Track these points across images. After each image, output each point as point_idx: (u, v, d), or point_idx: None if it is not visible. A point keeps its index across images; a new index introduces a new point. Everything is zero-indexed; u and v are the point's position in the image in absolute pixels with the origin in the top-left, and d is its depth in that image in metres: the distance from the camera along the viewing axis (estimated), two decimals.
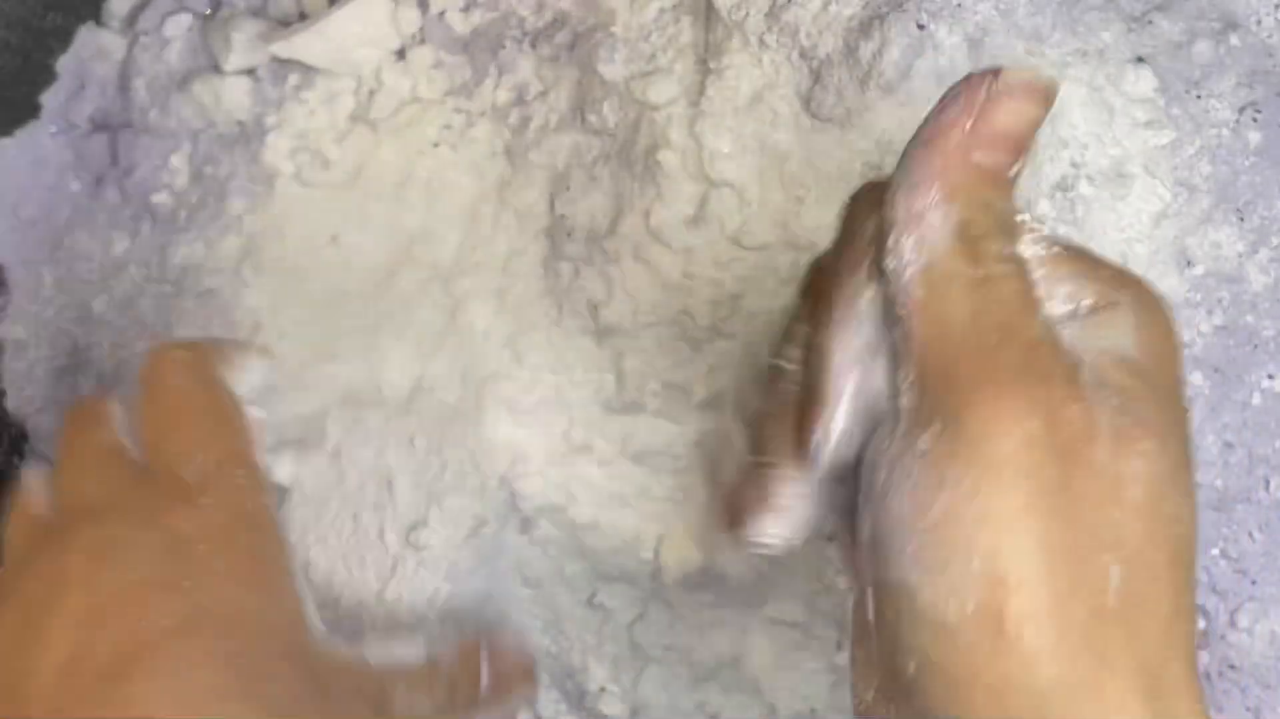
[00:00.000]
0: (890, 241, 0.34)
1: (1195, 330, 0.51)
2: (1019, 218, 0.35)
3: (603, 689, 0.58)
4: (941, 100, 0.35)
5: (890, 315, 0.34)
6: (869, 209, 0.36)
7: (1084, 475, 0.32)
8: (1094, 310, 0.34)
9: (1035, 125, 0.34)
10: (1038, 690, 0.31)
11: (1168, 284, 0.50)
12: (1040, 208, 0.50)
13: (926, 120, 0.34)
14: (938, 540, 0.31)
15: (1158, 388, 0.34)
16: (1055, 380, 0.32)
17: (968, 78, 0.34)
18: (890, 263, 0.34)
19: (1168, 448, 0.33)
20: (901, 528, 0.32)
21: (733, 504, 0.39)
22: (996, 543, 0.31)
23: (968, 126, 0.34)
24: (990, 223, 0.33)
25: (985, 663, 0.31)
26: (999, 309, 0.33)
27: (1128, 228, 0.50)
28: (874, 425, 0.35)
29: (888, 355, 0.35)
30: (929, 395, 0.33)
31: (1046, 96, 0.34)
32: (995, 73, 0.34)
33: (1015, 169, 0.34)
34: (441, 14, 0.58)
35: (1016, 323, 0.33)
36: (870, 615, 0.33)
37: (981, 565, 0.31)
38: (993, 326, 0.32)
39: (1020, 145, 0.34)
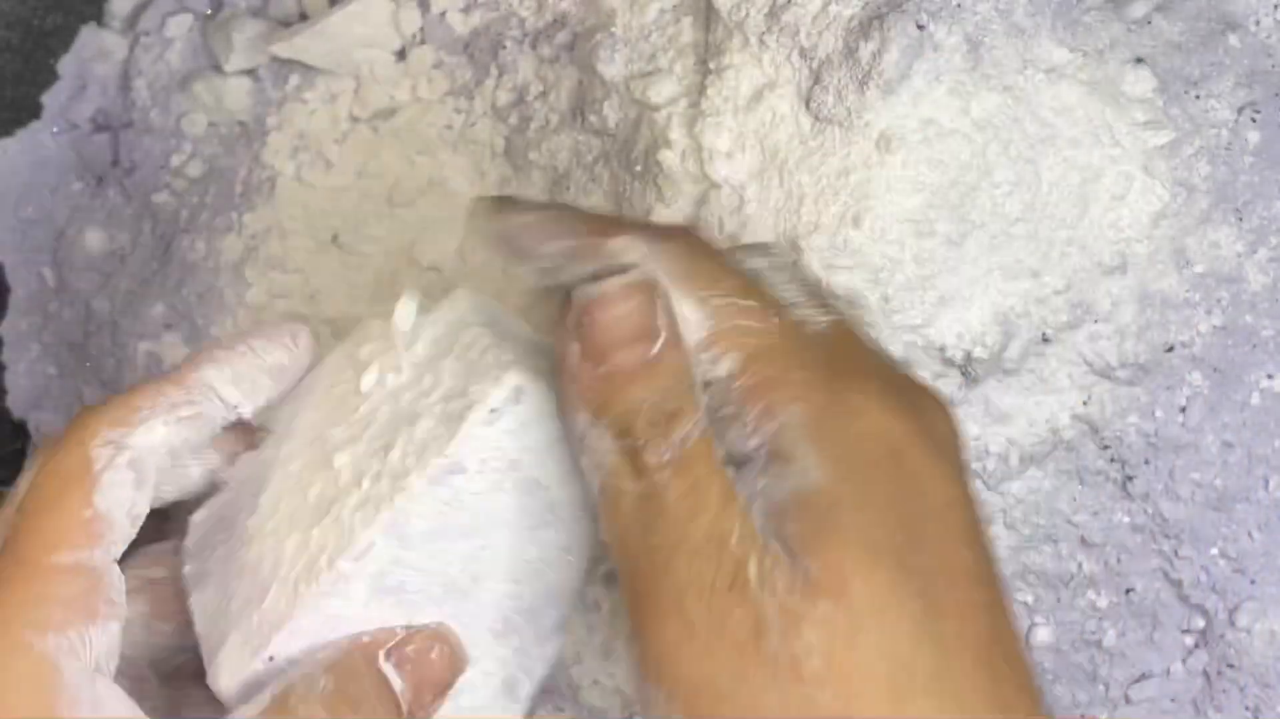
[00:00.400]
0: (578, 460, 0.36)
1: (1195, 330, 0.51)
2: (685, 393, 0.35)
3: (595, 682, 0.58)
4: (556, 333, 0.36)
5: None
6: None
7: (761, 672, 0.32)
8: (774, 447, 0.34)
9: (647, 311, 0.35)
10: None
11: (1167, 284, 0.50)
12: (1040, 209, 0.50)
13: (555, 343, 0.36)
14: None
15: (834, 516, 0.33)
16: (715, 593, 0.33)
17: (571, 300, 0.36)
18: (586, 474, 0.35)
19: (848, 591, 0.32)
20: None
21: None
22: None
23: (577, 350, 0.35)
24: (643, 424, 0.34)
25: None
26: (666, 524, 0.33)
27: (1127, 228, 0.50)
28: None
29: None
30: (626, 615, 0.34)
31: (644, 288, 0.35)
32: (576, 294, 0.35)
33: (659, 344, 0.35)
34: (442, 14, 0.58)
35: (683, 532, 0.33)
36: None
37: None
38: (659, 543, 0.33)
39: (642, 333, 0.35)
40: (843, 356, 0.36)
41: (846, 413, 0.34)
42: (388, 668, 0.36)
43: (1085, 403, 0.50)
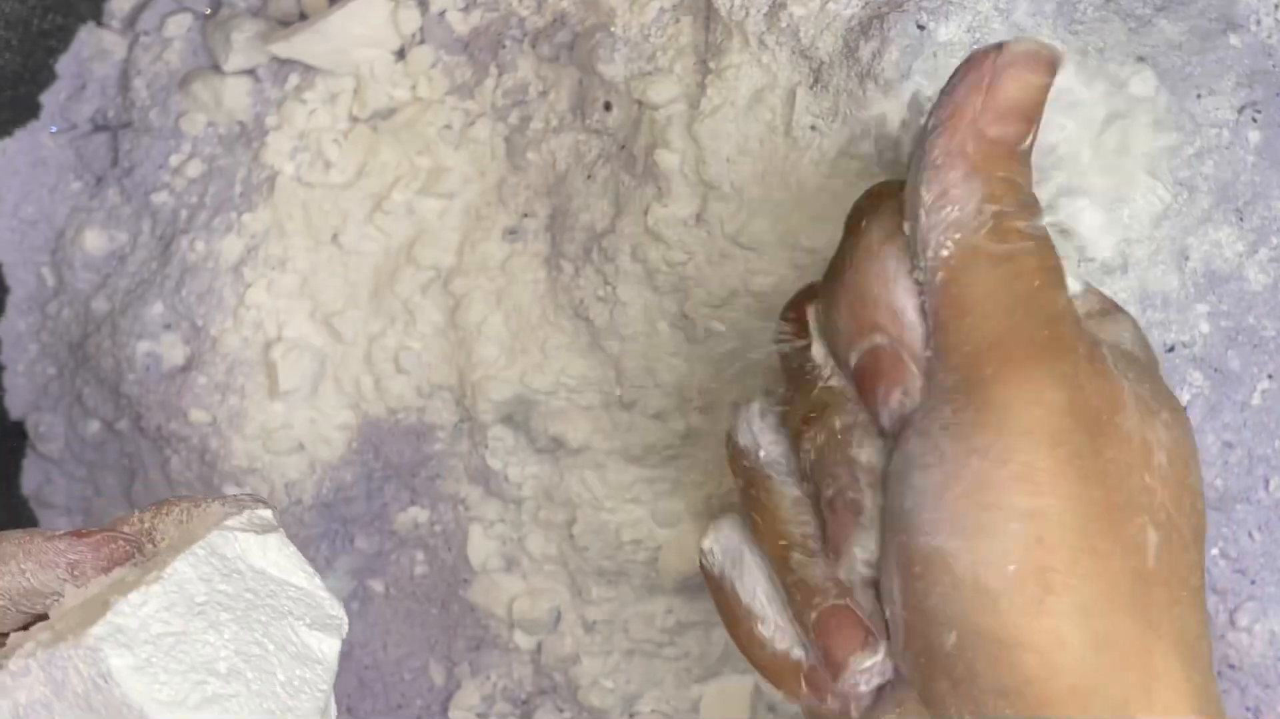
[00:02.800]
0: (915, 223, 0.34)
1: (1195, 330, 0.51)
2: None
3: (594, 683, 0.58)
4: (950, 80, 0.35)
5: (916, 298, 0.35)
6: (879, 206, 0.36)
7: (1114, 441, 0.32)
8: (1101, 306, 0.35)
9: (1044, 94, 0.34)
10: (1085, 648, 0.31)
11: (1168, 284, 0.50)
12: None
13: (939, 102, 0.35)
14: (973, 506, 0.31)
15: (1158, 381, 0.35)
16: (1079, 353, 0.33)
17: (972, 55, 0.35)
18: (918, 245, 0.34)
19: (1184, 423, 0.34)
20: (931, 498, 0.32)
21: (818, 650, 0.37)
22: (1034, 504, 0.31)
23: (980, 103, 0.34)
24: (1014, 197, 0.34)
25: (1030, 624, 0.31)
26: (1023, 283, 0.33)
27: (1127, 228, 0.50)
28: None
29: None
30: (953, 368, 0.33)
31: (1051, 65, 0.35)
32: (999, 47, 0.34)
33: (1028, 141, 0.35)
34: (441, 14, 0.58)
35: (1040, 297, 0.33)
36: (896, 594, 0.33)
37: (1020, 527, 0.31)
38: (1017, 301, 0.33)
39: (1031, 115, 0.34)
40: None
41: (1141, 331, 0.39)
42: None
43: None
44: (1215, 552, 0.51)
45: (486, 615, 0.59)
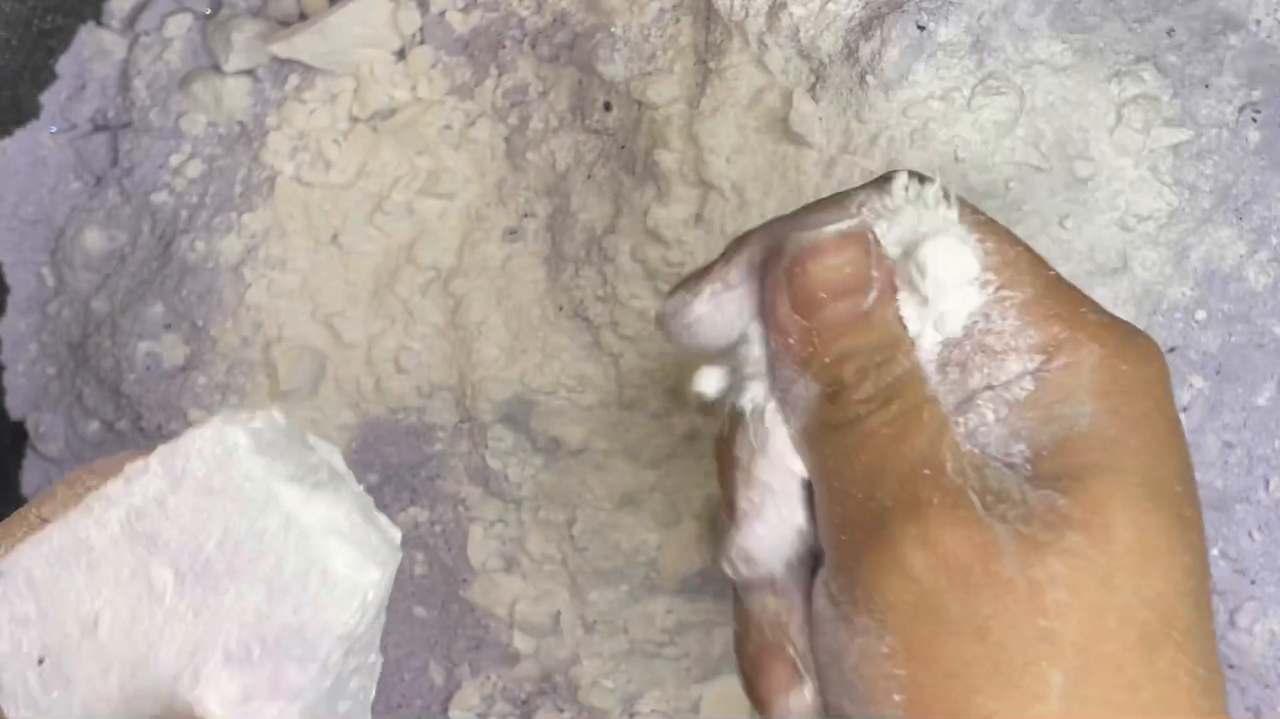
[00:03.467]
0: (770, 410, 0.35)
1: (1196, 331, 0.51)
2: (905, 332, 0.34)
3: (594, 683, 0.58)
4: (765, 283, 0.35)
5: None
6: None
7: (991, 594, 0.31)
8: (1043, 375, 0.33)
9: (859, 265, 0.34)
10: None
11: (1168, 284, 0.50)
12: (1041, 209, 0.50)
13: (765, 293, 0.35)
14: (861, 678, 0.32)
15: (1109, 459, 0.33)
16: (932, 511, 0.31)
17: (774, 254, 0.35)
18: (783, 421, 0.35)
19: (1111, 531, 0.32)
20: (832, 663, 0.33)
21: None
22: (912, 676, 0.31)
23: (784, 301, 0.34)
24: (853, 372, 0.33)
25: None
26: (870, 447, 0.33)
27: (1128, 228, 0.50)
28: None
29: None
30: (829, 547, 0.34)
31: (853, 241, 0.34)
32: (787, 245, 0.34)
33: (868, 302, 0.34)
34: (441, 14, 0.58)
35: (888, 456, 0.32)
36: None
37: (903, 698, 0.31)
38: (866, 469, 0.33)
39: (852, 286, 0.34)
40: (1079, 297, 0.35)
41: (1132, 358, 0.34)
42: None
43: None
44: (1215, 552, 0.51)
45: (486, 615, 0.59)
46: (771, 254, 0.35)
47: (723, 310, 0.36)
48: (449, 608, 0.59)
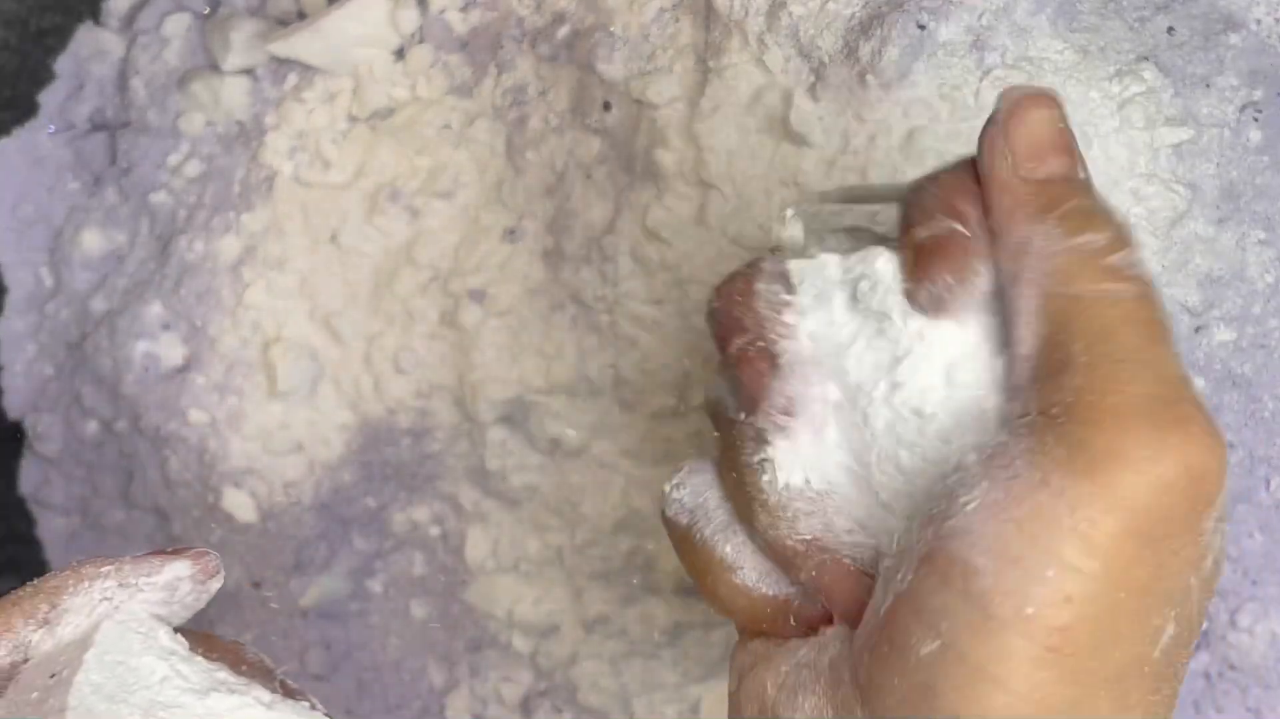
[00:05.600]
0: (1010, 287, 0.33)
1: (1196, 331, 0.51)
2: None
3: (594, 683, 0.58)
4: (979, 157, 0.34)
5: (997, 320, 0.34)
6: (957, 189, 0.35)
7: (1186, 539, 0.31)
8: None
9: (1063, 124, 0.34)
10: (1057, 707, 0.30)
11: (1169, 283, 0.50)
12: None
13: (980, 155, 0.34)
14: (1022, 536, 0.30)
15: None
16: (1197, 428, 0.31)
17: (981, 131, 0.34)
18: (1014, 305, 0.33)
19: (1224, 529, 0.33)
20: (984, 509, 0.31)
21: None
22: (1080, 563, 0.30)
23: (1008, 158, 0.33)
24: (1099, 228, 0.32)
25: (1018, 668, 0.30)
26: (1130, 333, 0.31)
27: (1130, 227, 0.50)
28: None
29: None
30: (1055, 408, 0.31)
31: (1051, 98, 0.34)
32: (998, 104, 0.34)
33: (1082, 173, 0.34)
34: (441, 13, 0.58)
35: (1150, 352, 0.31)
36: (898, 581, 0.32)
37: (1057, 577, 0.30)
38: (1127, 354, 0.31)
39: (1063, 147, 0.33)
40: None
41: None
42: None
43: None
44: None
45: (486, 616, 0.59)
46: (985, 130, 0.34)
47: None
48: (448, 608, 0.59)
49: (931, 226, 0.34)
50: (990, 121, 0.34)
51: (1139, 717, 0.31)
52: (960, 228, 0.34)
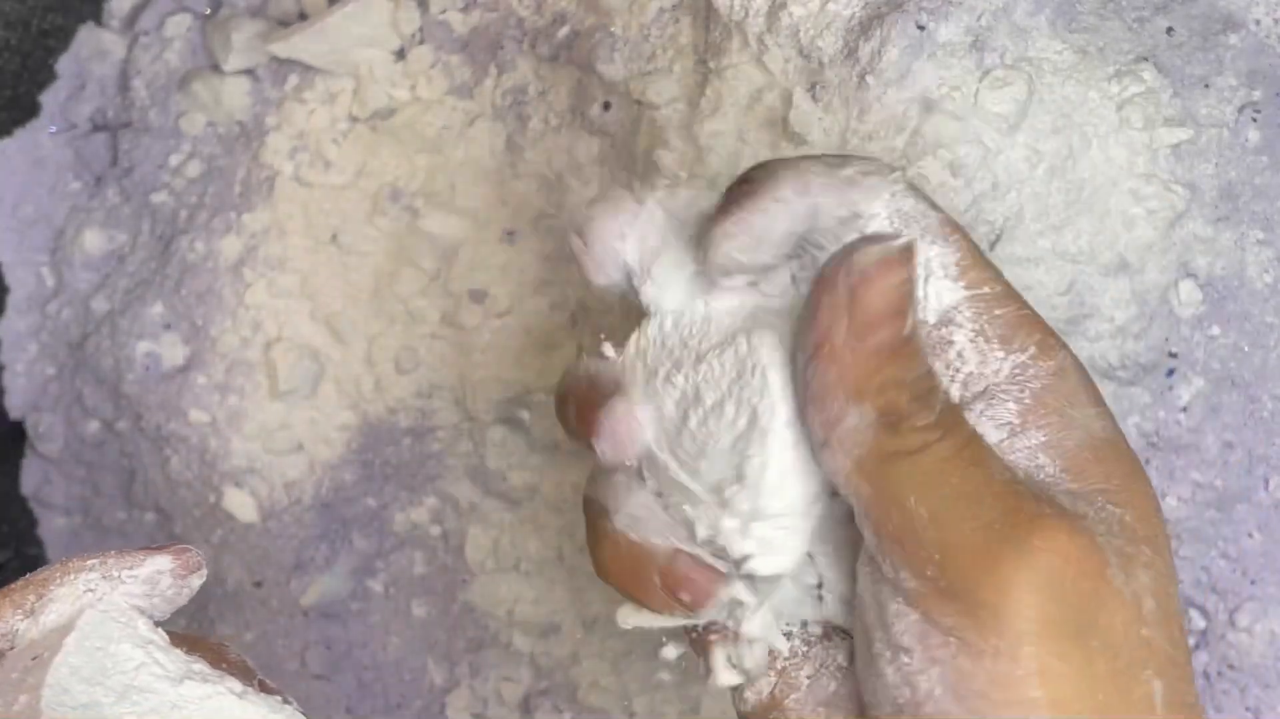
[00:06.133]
0: (820, 450, 0.33)
1: (1196, 330, 0.51)
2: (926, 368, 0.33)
3: (594, 683, 0.58)
4: (808, 305, 0.33)
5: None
6: None
7: (1108, 605, 0.32)
8: (1036, 375, 0.34)
9: (908, 286, 0.33)
10: None
11: (1168, 283, 0.50)
12: (1040, 208, 0.50)
13: (803, 327, 0.33)
14: (991, 704, 0.31)
15: (1134, 467, 0.34)
16: (1048, 521, 0.31)
17: (821, 273, 0.33)
18: (828, 469, 0.33)
19: (1160, 542, 0.33)
20: (949, 690, 0.32)
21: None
22: (1050, 695, 0.31)
23: (844, 325, 0.32)
24: (908, 396, 0.32)
25: None
26: (953, 472, 0.32)
27: (1129, 227, 0.50)
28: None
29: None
30: (929, 576, 0.32)
31: (905, 257, 0.33)
32: (848, 258, 0.33)
33: (908, 328, 0.33)
34: (441, 14, 0.58)
35: (976, 478, 0.32)
36: None
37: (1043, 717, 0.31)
38: (956, 493, 0.32)
39: (901, 309, 0.33)
40: None
41: (1080, 365, 0.35)
42: None
43: None
44: (1215, 552, 0.51)
45: (486, 616, 0.59)
46: (825, 271, 0.33)
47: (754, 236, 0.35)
48: (449, 608, 0.59)
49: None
50: (834, 272, 0.33)
51: None
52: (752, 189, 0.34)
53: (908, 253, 0.33)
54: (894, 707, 0.33)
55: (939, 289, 0.34)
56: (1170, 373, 0.51)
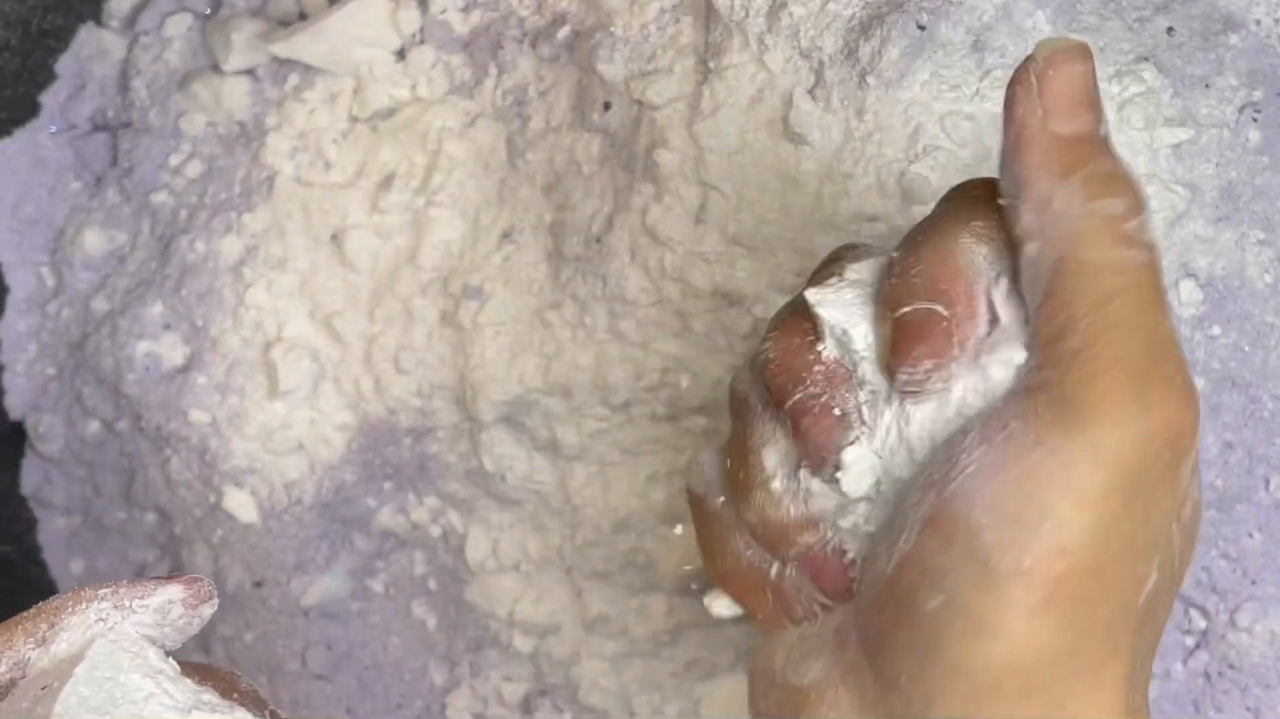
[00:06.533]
0: (1020, 246, 0.34)
1: (1196, 330, 0.51)
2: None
3: (594, 683, 0.58)
4: (1005, 108, 0.34)
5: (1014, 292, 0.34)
6: (973, 199, 0.36)
7: (1168, 487, 0.33)
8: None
9: (1093, 80, 0.34)
10: (1052, 653, 0.32)
11: (1169, 284, 0.50)
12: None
13: (1004, 131, 0.34)
14: (1019, 493, 0.32)
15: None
16: (1176, 386, 0.32)
17: (1013, 75, 0.34)
18: (1025, 261, 0.34)
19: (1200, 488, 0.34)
20: (982, 470, 0.32)
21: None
22: (1074, 516, 0.32)
23: (1040, 110, 0.33)
24: (1117, 192, 0.33)
25: (1016, 618, 0.32)
26: (1130, 299, 0.32)
27: None
28: None
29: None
30: (1048, 367, 0.33)
31: (1084, 52, 0.34)
32: (1031, 59, 0.34)
33: (1104, 128, 0.34)
34: (441, 14, 0.58)
35: (1146, 317, 0.33)
36: (900, 543, 0.34)
37: (1052, 530, 0.32)
38: (1124, 318, 0.32)
39: (1091, 102, 0.34)
40: None
41: None
42: None
43: None
44: (1215, 552, 0.51)
45: (486, 615, 0.59)
46: (1015, 74, 0.34)
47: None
48: (449, 608, 0.59)
49: (913, 305, 0.35)
50: (1023, 70, 0.34)
51: (1127, 658, 0.33)
52: (940, 309, 0.35)
53: (1084, 47, 0.34)
54: (925, 482, 0.34)
55: None
56: None
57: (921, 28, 0.49)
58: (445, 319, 0.57)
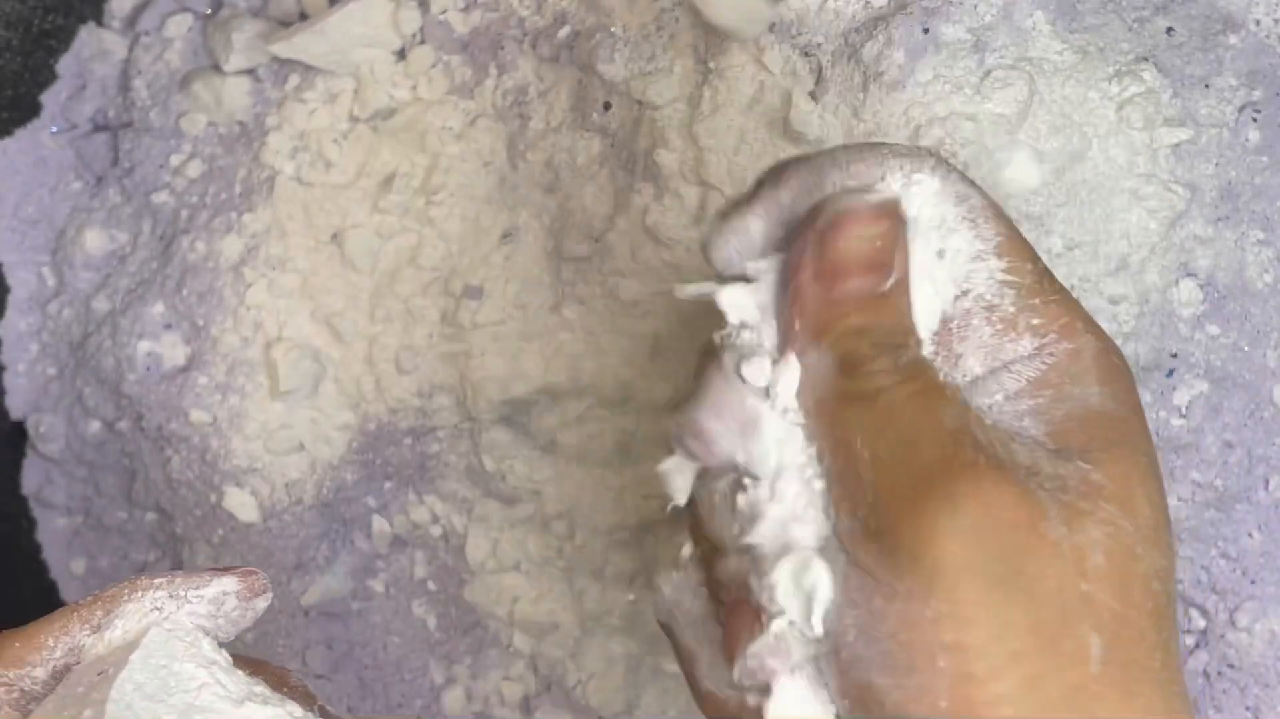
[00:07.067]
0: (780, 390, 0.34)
1: (1196, 330, 0.51)
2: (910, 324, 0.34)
3: (594, 683, 0.58)
4: (794, 236, 0.34)
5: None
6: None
7: (1039, 556, 0.31)
8: (1049, 356, 0.34)
9: (888, 240, 0.34)
10: None
11: (1169, 284, 0.50)
12: (1042, 209, 0.50)
13: (785, 263, 0.34)
14: (899, 645, 0.31)
15: (1126, 438, 0.34)
16: (980, 470, 0.32)
17: (806, 217, 0.34)
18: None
19: (1135, 505, 0.33)
20: (862, 634, 0.32)
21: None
22: (959, 639, 0.31)
23: (812, 267, 0.33)
24: (867, 347, 0.33)
25: None
26: (900, 417, 0.32)
27: (1129, 228, 0.50)
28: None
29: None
30: (855, 516, 0.32)
31: (886, 210, 0.34)
32: (822, 208, 0.34)
33: (889, 283, 0.34)
34: (442, 14, 0.58)
35: (921, 424, 0.32)
36: (841, 712, 0.33)
37: (948, 664, 0.31)
38: (898, 438, 0.32)
39: (878, 263, 0.33)
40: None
41: (1117, 354, 0.35)
42: None
43: None
44: (1215, 552, 0.51)
45: (486, 615, 0.59)
46: (805, 216, 0.34)
47: (751, 237, 0.36)
48: (449, 608, 0.60)
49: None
50: (809, 215, 0.34)
51: (1140, 714, 0.32)
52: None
53: (887, 208, 0.33)
54: (828, 654, 0.33)
55: (972, 269, 0.34)
56: (1170, 373, 0.51)
57: (926, 30, 0.49)
58: (446, 319, 0.58)
